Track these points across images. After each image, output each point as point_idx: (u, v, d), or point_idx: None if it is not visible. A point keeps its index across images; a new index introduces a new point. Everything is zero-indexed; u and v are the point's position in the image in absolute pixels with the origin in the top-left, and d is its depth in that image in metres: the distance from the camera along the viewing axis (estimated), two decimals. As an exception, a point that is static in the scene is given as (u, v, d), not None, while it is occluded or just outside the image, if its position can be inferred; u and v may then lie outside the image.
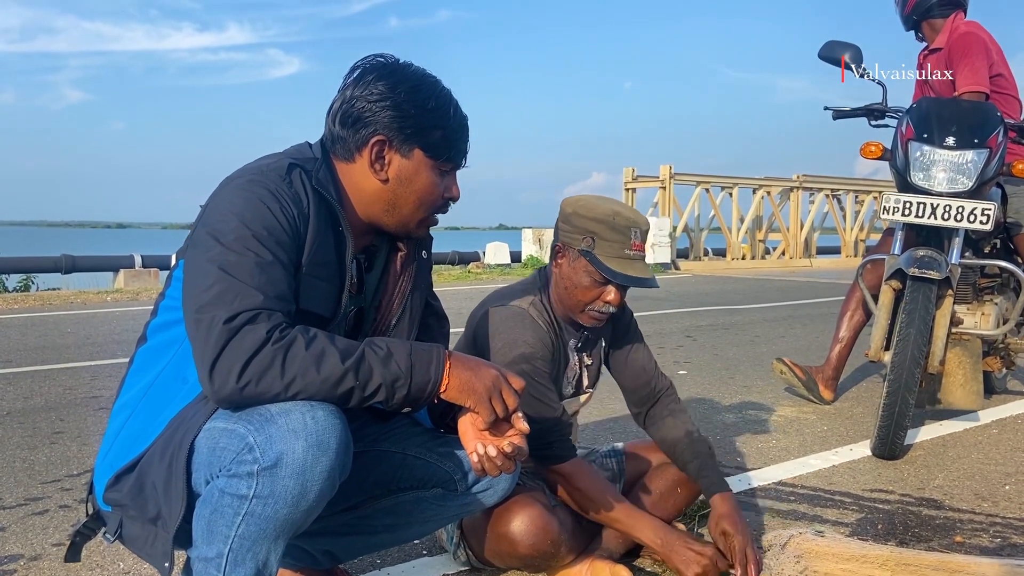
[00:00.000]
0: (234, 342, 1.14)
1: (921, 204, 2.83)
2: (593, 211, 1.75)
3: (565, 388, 1.91)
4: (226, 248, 1.21)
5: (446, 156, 1.37)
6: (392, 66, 1.36)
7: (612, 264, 1.73)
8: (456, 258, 14.72)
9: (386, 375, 1.20)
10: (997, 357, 3.44)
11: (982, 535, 2.14)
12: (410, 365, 1.22)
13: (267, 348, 1.15)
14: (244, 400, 1.17)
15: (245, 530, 1.18)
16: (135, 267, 11.65)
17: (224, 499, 1.18)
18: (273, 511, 1.17)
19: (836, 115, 3.38)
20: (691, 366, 4.59)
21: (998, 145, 2.88)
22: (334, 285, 1.35)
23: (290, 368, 1.15)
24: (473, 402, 1.26)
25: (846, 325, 3.60)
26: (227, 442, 1.18)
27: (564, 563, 1.75)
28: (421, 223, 1.42)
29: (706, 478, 1.88)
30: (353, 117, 1.33)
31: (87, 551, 1.97)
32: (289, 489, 1.16)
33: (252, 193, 1.26)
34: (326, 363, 1.17)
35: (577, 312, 1.81)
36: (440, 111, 1.35)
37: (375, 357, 1.20)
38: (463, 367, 1.27)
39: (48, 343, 5.32)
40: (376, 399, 1.21)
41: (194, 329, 1.18)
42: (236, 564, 1.20)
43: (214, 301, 1.17)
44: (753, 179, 15.02)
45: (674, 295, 8.59)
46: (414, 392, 1.23)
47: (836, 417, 3.45)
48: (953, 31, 3.45)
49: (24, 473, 2.61)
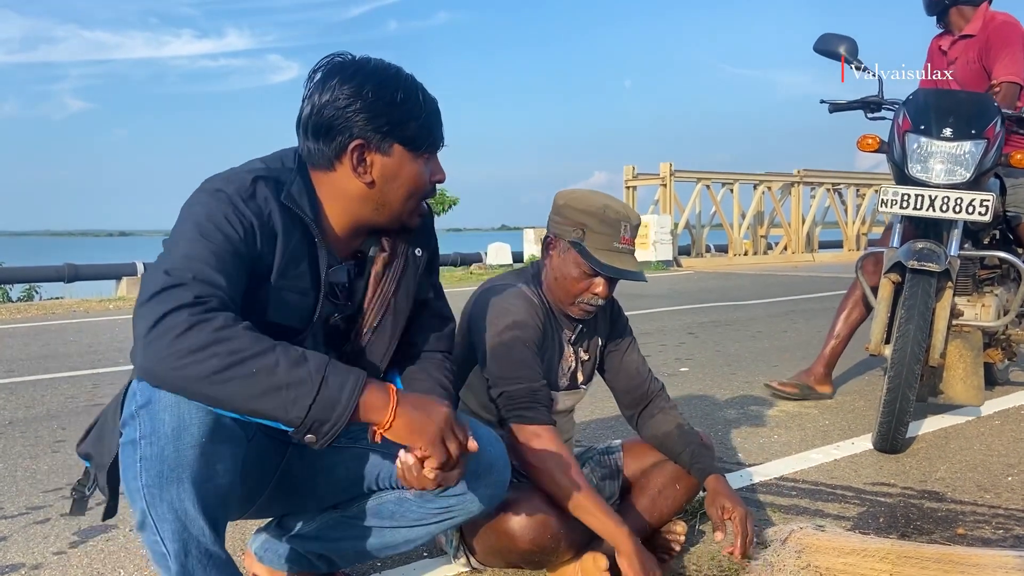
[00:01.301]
0: (158, 299, 1.14)
1: (919, 196, 2.82)
2: (584, 203, 1.77)
3: (560, 380, 1.90)
4: (177, 253, 1.21)
5: (425, 145, 1.37)
6: (353, 65, 1.34)
7: (600, 256, 1.74)
8: (458, 259, 14.75)
9: (291, 374, 1.12)
10: (999, 348, 3.42)
11: (984, 527, 2.13)
12: (323, 376, 1.14)
13: (184, 312, 1.12)
14: (148, 352, 1.13)
15: (148, 478, 1.21)
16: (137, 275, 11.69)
17: (126, 451, 1.23)
18: (160, 449, 1.20)
19: (833, 108, 3.37)
20: (693, 363, 4.58)
21: (996, 135, 2.87)
22: (309, 297, 1.36)
23: (198, 336, 1.11)
24: (423, 444, 1.21)
25: (843, 322, 3.59)
26: (128, 394, 1.27)
27: (564, 559, 1.74)
28: (412, 212, 1.43)
29: (699, 463, 1.88)
30: (325, 126, 1.32)
31: (87, 558, 1.98)
32: (167, 423, 1.19)
33: (211, 201, 1.26)
34: (235, 340, 1.12)
35: (567, 304, 1.83)
36: (410, 102, 1.34)
37: (286, 354, 1.14)
38: (411, 406, 1.21)
39: (51, 352, 5.34)
40: (269, 403, 1.12)
41: (141, 316, 1.16)
42: (160, 519, 1.22)
43: (155, 292, 1.17)
44: (754, 175, 15.02)
45: (676, 292, 8.59)
46: (316, 411, 1.13)
47: (837, 411, 3.44)
48: (990, 19, 3.44)
49: (26, 482, 2.61)
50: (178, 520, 1.22)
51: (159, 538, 1.23)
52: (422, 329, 1.55)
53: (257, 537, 1.70)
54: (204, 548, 1.25)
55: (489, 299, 1.81)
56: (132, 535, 2.10)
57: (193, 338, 1.10)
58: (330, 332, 1.45)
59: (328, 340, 1.46)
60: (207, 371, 1.10)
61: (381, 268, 1.46)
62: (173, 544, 1.23)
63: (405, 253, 1.48)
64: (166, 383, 1.14)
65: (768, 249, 15.51)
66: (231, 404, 1.14)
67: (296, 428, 1.14)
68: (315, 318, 1.37)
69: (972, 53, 3.46)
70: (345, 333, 1.48)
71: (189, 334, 1.10)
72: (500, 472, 1.51)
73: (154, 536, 1.23)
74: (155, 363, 1.12)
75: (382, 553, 1.64)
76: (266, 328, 1.22)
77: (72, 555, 2.01)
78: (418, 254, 1.50)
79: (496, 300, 1.80)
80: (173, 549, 1.24)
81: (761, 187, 14.92)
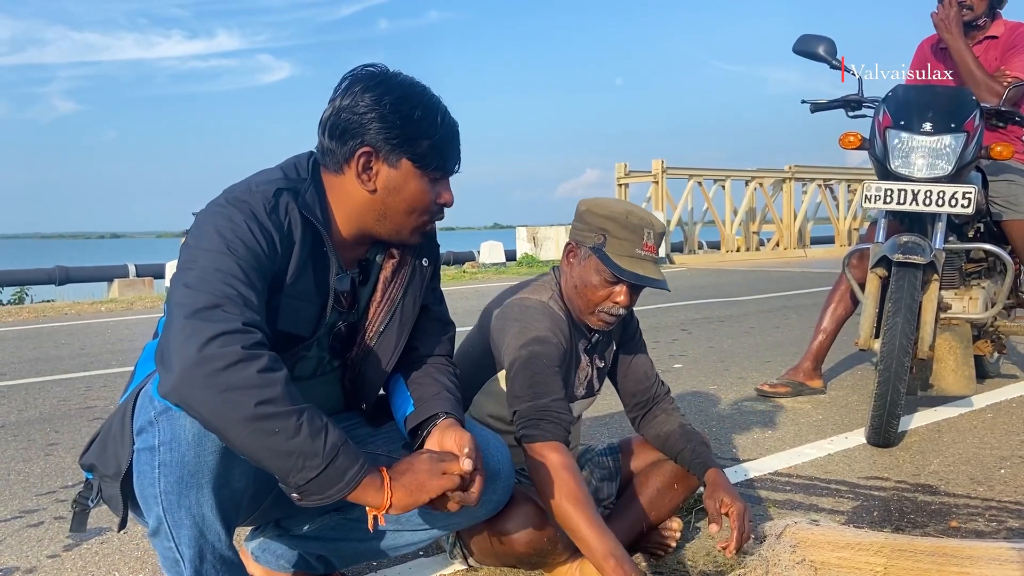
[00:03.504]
0: (204, 317, 1.14)
1: (902, 191, 2.84)
2: (606, 209, 1.74)
3: (577, 389, 1.87)
4: (205, 264, 1.21)
5: (435, 165, 1.38)
6: (380, 76, 1.36)
7: (622, 263, 1.70)
8: (451, 258, 14.74)
9: (306, 444, 1.14)
10: (988, 341, 3.45)
11: (978, 519, 2.15)
12: (334, 456, 1.17)
13: (235, 343, 1.13)
14: (188, 374, 1.13)
15: (166, 484, 1.21)
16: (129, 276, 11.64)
17: (142, 458, 1.22)
18: (180, 455, 1.20)
19: (814, 108, 3.39)
20: (686, 359, 4.59)
21: (975, 128, 2.89)
22: (316, 305, 1.36)
23: (241, 374, 1.12)
24: (429, 494, 1.25)
25: (829, 317, 3.60)
26: (142, 401, 1.25)
27: (560, 560, 1.74)
28: (415, 230, 1.43)
29: (699, 458, 1.87)
30: (340, 129, 1.34)
31: (81, 561, 1.98)
32: (188, 429, 1.19)
33: (236, 213, 1.26)
34: (271, 389, 1.13)
35: (586, 313, 1.78)
36: (426, 121, 1.35)
37: (311, 422, 1.16)
38: (399, 473, 1.25)
39: (42, 355, 5.31)
40: (276, 462, 1.15)
41: (183, 333, 1.15)
42: (177, 525, 1.22)
43: (200, 308, 1.16)
44: (745, 171, 15.04)
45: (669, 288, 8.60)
46: (314, 485, 1.17)
47: (831, 406, 3.46)
48: (1007, 23, 3.48)
49: (19, 485, 2.60)
50: (195, 526, 1.23)
51: (173, 544, 1.23)
52: (424, 334, 1.56)
53: (254, 537, 1.70)
54: (219, 553, 1.27)
55: (514, 314, 1.77)
56: (126, 538, 2.10)
57: (236, 375, 1.11)
58: (335, 339, 1.46)
59: (333, 347, 1.47)
60: (233, 415, 1.11)
61: (390, 273, 1.47)
62: (189, 550, 1.24)
63: (412, 262, 1.50)
64: (191, 407, 1.14)
65: (760, 245, 15.55)
66: (239, 447, 1.15)
67: (288, 488, 1.18)
68: (322, 326, 1.38)
69: (995, 52, 3.47)
70: (349, 339, 1.48)
71: (234, 369, 1.11)
72: (505, 478, 1.52)
73: (168, 542, 1.24)
74: (189, 385, 1.12)
75: (383, 555, 1.64)
76: (275, 337, 1.23)
77: (66, 558, 2.00)
78: (424, 264, 1.52)
79: (520, 317, 1.75)
80: (189, 555, 1.24)
81: (753, 183, 14.95)
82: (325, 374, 1.50)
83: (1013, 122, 3.12)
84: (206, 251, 1.22)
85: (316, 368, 1.47)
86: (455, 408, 1.45)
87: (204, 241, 1.23)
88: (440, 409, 1.43)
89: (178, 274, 1.23)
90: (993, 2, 3.45)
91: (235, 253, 1.21)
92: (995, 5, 3.47)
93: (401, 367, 1.52)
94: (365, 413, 1.55)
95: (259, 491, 1.44)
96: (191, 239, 1.26)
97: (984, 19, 3.47)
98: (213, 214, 1.27)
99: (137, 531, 2.11)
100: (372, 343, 1.47)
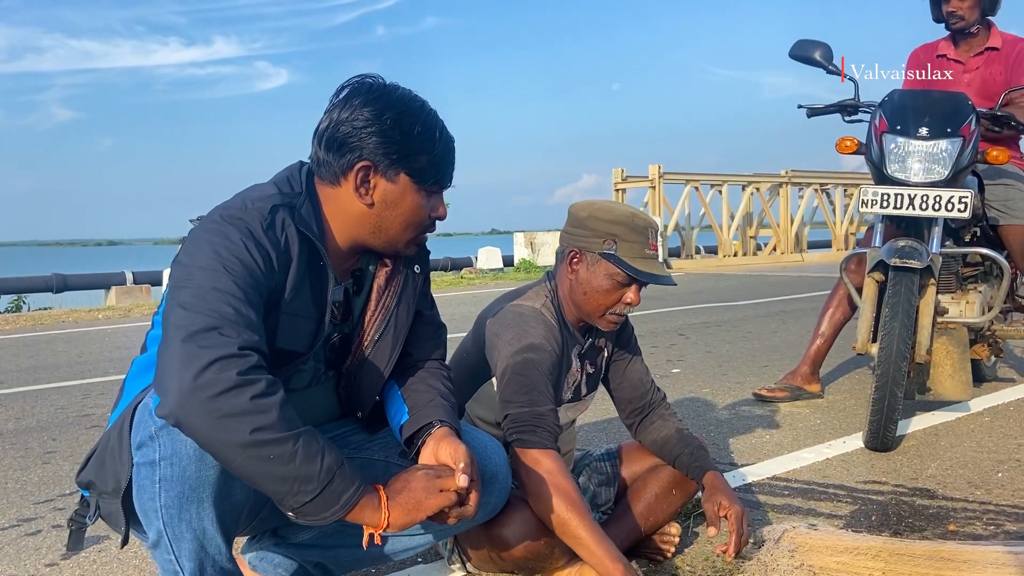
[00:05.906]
0: (201, 340, 1.14)
1: (899, 195, 2.86)
2: (612, 214, 1.77)
3: (564, 394, 1.88)
4: (201, 283, 1.20)
5: (432, 180, 1.39)
6: (379, 90, 1.36)
7: (636, 264, 1.74)
8: (449, 264, 14.74)
9: (302, 468, 1.15)
10: (985, 345, 3.46)
11: (975, 523, 2.15)
12: (330, 479, 1.17)
13: (231, 369, 1.13)
14: (185, 401, 1.13)
15: (167, 498, 1.20)
16: (126, 284, 11.62)
17: (142, 472, 1.22)
18: (182, 470, 1.20)
19: (810, 113, 3.40)
20: (684, 364, 4.59)
21: (971, 133, 2.90)
22: (313, 320, 1.36)
23: (237, 400, 1.12)
24: (426, 512, 1.26)
25: (827, 322, 3.60)
26: (140, 415, 1.24)
27: (558, 565, 1.74)
28: (409, 243, 1.44)
29: (697, 462, 1.88)
30: (339, 142, 1.34)
31: (79, 570, 1.97)
32: (189, 444, 1.18)
33: (232, 231, 1.25)
34: (267, 415, 1.13)
35: (596, 317, 1.81)
36: (426, 136, 1.36)
37: (307, 446, 1.16)
38: (396, 491, 1.26)
39: (40, 363, 5.30)
40: (272, 486, 1.16)
41: (180, 357, 1.14)
42: (177, 539, 1.22)
43: (197, 331, 1.15)
44: (742, 176, 15.07)
45: (666, 294, 8.60)
46: (310, 508, 1.17)
47: (829, 410, 3.46)
48: (1005, 36, 3.49)
49: (17, 494, 2.60)
50: (196, 540, 1.23)
51: (174, 557, 1.23)
52: (418, 339, 1.56)
53: (251, 547, 1.70)
54: (219, 566, 1.27)
55: (507, 320, 1.79)
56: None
57: (232, 401, 1.11)
58: (329, 350, 1.46)
59: (328, 359, 1.47)
60: (229, 441, 1.12)
61: (383, 282, 1.47)
62: (190, 563, 1.24)
63: (404, 270, 1.50)
64: (188, 431, 1.14)
65: (757, 250, 15.56)
66: (236, 471, 1.16)
67: (284, 508, 1.19)
68: (318, 340, 1.38)
69: (997, 66, 3.47)
70: (343, 350, 1.48)
71: (229, 396, 1.11)
72: (502, 482, 1.53)
73: (169, 555, 1.23)
74: (186, 411, 1.12)
75: (381, 561, 1.64)
76: (272, 354, 1.23)
77: (64, 567, 2.00)
78: (416, 271, 1.52)
79: (514, 324, 1.77)
80: (189, 568, 1.24)
81: (749, 188, 14.97)
82: (320, 384, 1.50)
83: (1009, 127, 3.13)
84: (202, 269, 1.20)
85: (311, 379, 1.47)
86: (449, 415, 1.45)
87: (199, 259, 1.22)
88: (435, 417, 1.42)
89: (173, 293, 1.21)
90: (985, 10, 3.46)
91: (232, 272, 1.20)
92: (987, 12, 3.48)
93: (396, 373, 1.53)
94: (361, 420, 1.55)
95: (258, 502, 1.44)
96: (184, 256, 1.24)
97: (977, 27, 3.47)
98: (208, 231, 1.25)
99: (135, 540, 2.10)
100: (368, 352, 1.47)
